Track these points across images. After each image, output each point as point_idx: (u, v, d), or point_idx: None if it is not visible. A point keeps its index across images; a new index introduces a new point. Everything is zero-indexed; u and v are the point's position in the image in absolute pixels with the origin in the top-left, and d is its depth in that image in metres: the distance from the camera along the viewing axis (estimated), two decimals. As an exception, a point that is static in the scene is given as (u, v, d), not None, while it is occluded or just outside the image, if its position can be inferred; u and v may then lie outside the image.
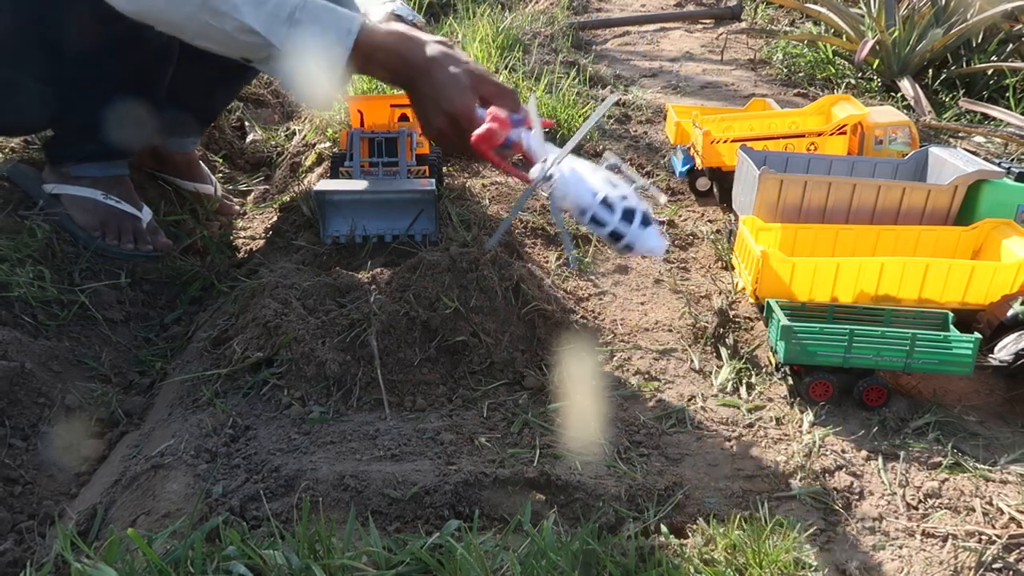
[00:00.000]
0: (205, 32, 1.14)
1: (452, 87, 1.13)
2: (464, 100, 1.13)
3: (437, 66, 1.13)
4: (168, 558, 0.84)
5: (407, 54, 1.15)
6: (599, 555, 0.89)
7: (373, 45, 1.14)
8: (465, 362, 1.28)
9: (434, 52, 1.15)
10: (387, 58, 1.15)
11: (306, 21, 1.13)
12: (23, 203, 1.56)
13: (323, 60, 1.13)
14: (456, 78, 1.13)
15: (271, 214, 1.83)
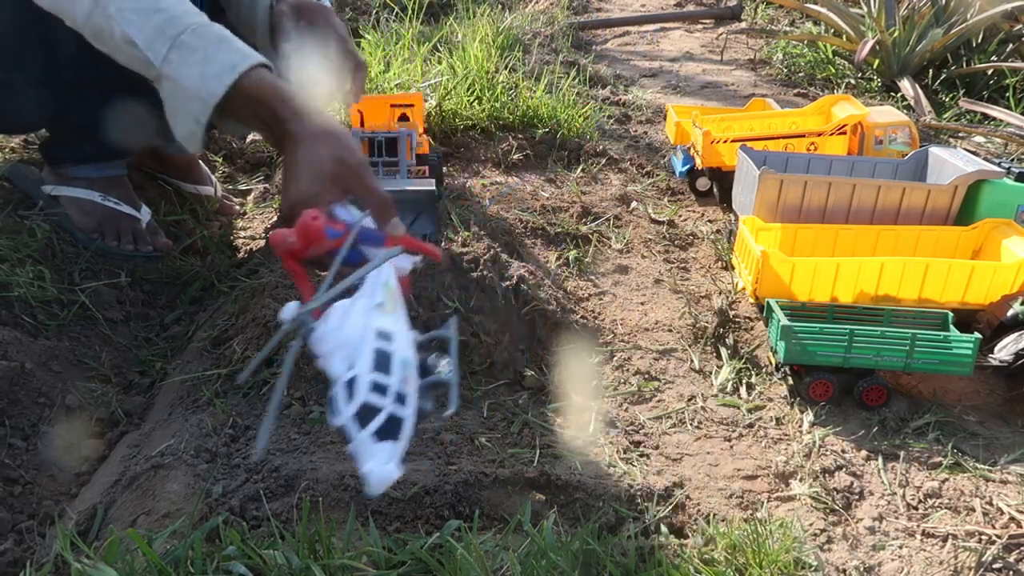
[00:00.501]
0: (99, 36, 1.04)
1: (307, 170, 0.92)
2: (311, 189, 0.91)
3: (307, 142, 0.95)
4: (168, 558, 0.84)
5: (284, 117, 0.97)
6: (599, 555, 0.89)
7: (254, 94, 0.98)
8: (465, 362, 1.28)
9: (314, 127, 0.96)
10: (264, 113, 0.98)
11: (192, 46, 0.99)
12: (23, 203, 1.55)
13: (195, 93, 0.97)
14: (318, 163, 0.93)
15: (271, 214, 1.83)
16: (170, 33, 0.99)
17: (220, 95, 0.96)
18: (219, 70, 0.97)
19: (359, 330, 0.75)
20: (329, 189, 0.91)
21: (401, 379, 0.73)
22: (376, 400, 0.71)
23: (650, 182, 2.07)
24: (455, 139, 2.12)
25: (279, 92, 0.98)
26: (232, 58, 0.98)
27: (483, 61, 2.34)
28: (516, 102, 2.23)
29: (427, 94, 2.14)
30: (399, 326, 0.78)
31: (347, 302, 0.79)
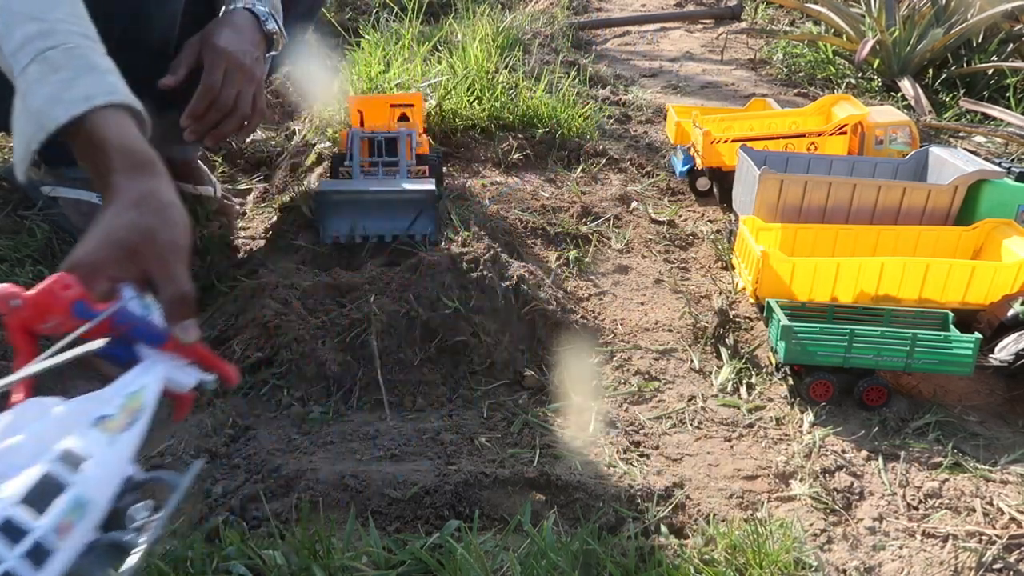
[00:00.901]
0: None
1: (103, 232, 0.78)
2: (95, 255, 0.76)
3: (121, 203, 0.81)
4: (168, 558, 0.84)
5: (113, 168, 0.84)
6: (599, 555, 0.89)
7: (94, 134, 0.86)
8: (465, 362, 1.28)
9: (139, 189, 0.84)
10: (96, 157, 0.86)
11: (56, 65, 0.88)
12: (23, 203, 1.55)
13: (36, 116, 0.86)
14: (120, 229, 0.78)
15: (271, 214, 1.83)
16: (39, 45, 0.89)
17: (60, 123, 0.84)
18: (72, 97, 0.86)
19: (37, 441, 0.56)
20: (119, 262, 0.76)
21: (56, 526, 0.52)
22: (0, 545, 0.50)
23: (650, 182, 2.07)
24: (455, 139, 2.11)
25: (123, 140, 0.87)
26: (91, 89, 0.87)
27: (483, 61, 2.34)
28: (516, 102, 2.23)
29: (427, 94, 2.14)
30: (110, 454, 0.59)
31: (54, 401, 0.62)
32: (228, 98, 1.33)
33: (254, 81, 1.37)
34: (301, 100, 2.42)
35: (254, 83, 1.37)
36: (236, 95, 1.34)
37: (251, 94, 1.36)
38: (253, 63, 1.37)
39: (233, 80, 1.33)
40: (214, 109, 1.33)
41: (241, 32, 1.36)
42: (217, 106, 1.33)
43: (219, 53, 1.31)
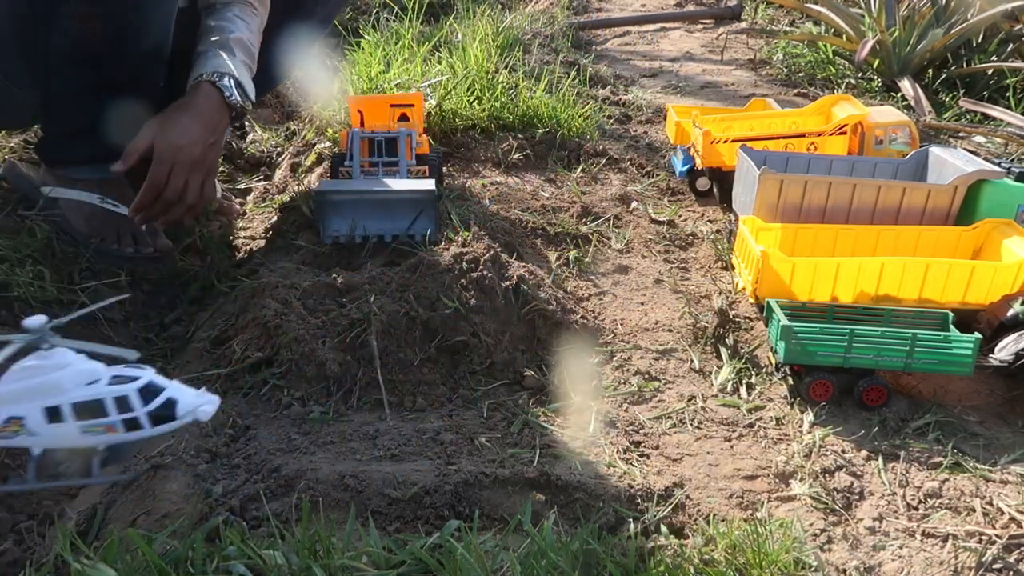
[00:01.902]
0: None
1: None
2: None
3: None
4: (168, 558, 0.84)
5: None
6: (599, 555, 0.89)
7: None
8: (465, 362, 1.28)
9: None
10: None
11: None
12: (23, 203, 1.55)
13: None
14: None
15: (271, 214, 1.83)
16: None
17: None
18: None
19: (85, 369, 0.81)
20: None
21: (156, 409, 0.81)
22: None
23: (650, 182, 2.07)
24: (455, 139, 2.12)
25: None
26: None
27: (483, 61, 2.34)
28: (516, 102, 2.23)
29: (427, 94, 2.14)
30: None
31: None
32: (174, 192, 1.39)
33: (203, 171, 1.42)
34: (301, 100, 2.42)
35: (203, 172, 1.42)
36: (183, 187, 1.39)
37: (199, 184, 1.42)
38: (205, 150, 1.42)
39: (181, 173, 1.38)
40: (160, 202, 1.40)
41: (199, 116, 1.40)
42: (163, 199, 1.40)
43: (168, 147, 1.37)
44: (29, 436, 0.77)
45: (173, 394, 0.79)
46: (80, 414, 0.76)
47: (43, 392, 0.76)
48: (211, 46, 1.47)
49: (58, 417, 0.76)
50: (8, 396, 0.76)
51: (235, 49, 1.48)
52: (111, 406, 0.77)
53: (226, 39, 1.48)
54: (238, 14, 1.53)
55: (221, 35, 1.49)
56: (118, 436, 0.78)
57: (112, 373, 0.79)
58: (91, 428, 0.77)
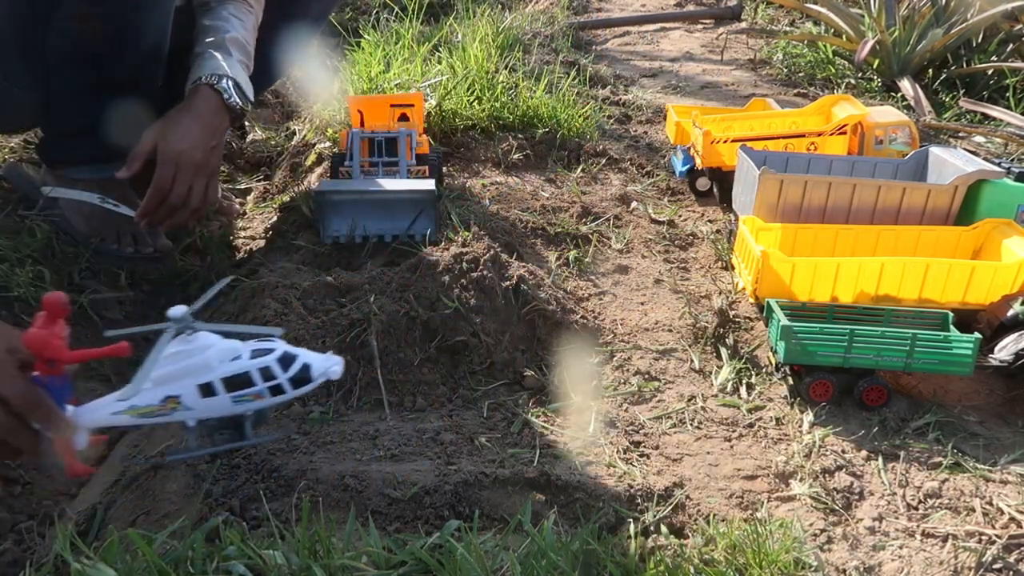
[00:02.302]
0: None
1: None
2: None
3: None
4: (168, 558, 0.84)
5: None
6: (599, 555, 0.89)
7: None
8: (465, 362, 1.28)
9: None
10: None
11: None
12: (23, 203, 1.55)
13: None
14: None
15: (271, 214, 1.83)
16: None
17: None
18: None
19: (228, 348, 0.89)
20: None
21: (295, 376, 0.89)
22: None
23: (650, 182, 2.07)
24: (455, 139, 2.12)
25: None
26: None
27: (483, 61, 2.34)
28: (516, 102, 2.23)
29: (427, 94, 2.14)
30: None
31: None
32: (179, 196, 1.41)
33: (206, 174, 1.43)
34: (301, 100, 2.42)
35: (206, 176, 1.43)
36: (187, 191, 1.41)
37: (203, 187, 1.43)
38: (207, 154, 1.43)
39: (185, 177, 1.40)
40: (165, 206, 1.41)
41: (199, 120, 1.41)
42: (167, 204, 1.41)
43: (171, 152, 1.38)
44: (185, 411, 0.88)
45: (306, 359, 0.90)
46: (230, 387, 0.88)
47: (194, 372, 0.87)
48: (208, 47, 1.47)
49: (211, 392, 0.88)
50: (163, 378, 0.86)
51: (232, 49, 1.48)
52: (257, 376, 0.88)
53: (222, 39, 1.48)
54: (233, 12, 1.53)
55: (217, 35, 1.49)
56: (265, 402, 0.90)
57: (250, 348, 0.89)
58: (241, 398, 0.89)
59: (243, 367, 0.88)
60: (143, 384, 0.86)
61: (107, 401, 0.88)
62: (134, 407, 0.88)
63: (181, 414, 0.89)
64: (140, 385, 0.86)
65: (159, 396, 0.88)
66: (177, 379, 0.87)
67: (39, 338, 0.83)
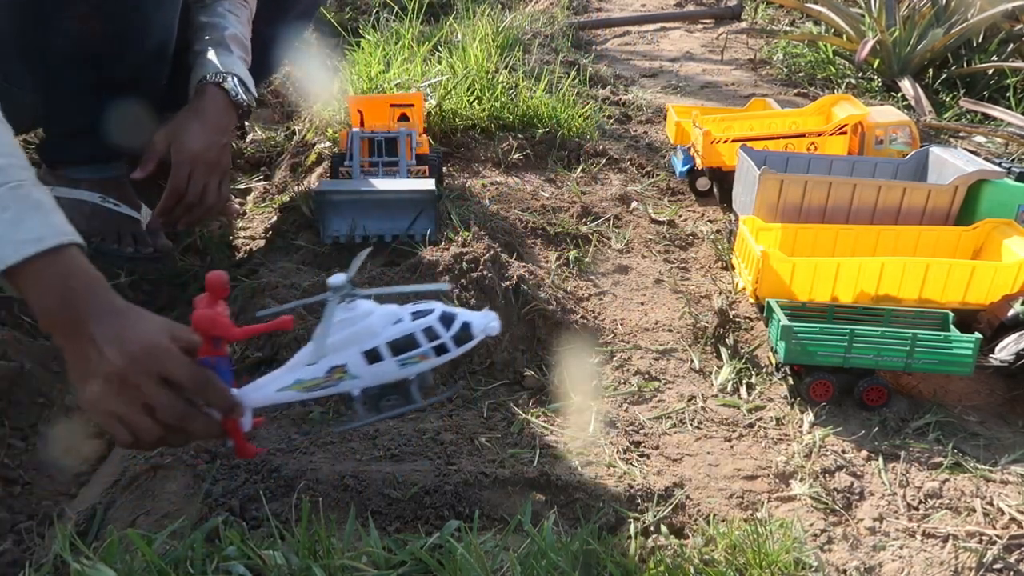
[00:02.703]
0: None
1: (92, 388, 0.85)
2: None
3: (102, 348, 0.85)
4: (168, 558, 0.84)
5: (76, 310, 0.87)
6: (599, 555, 0.89)
7: (52, 275, 0.88)
8: (465, 362, 1.28)
9: (122, 322, 0.88)
10: (53, 298, 0.88)
11: (4, 203, 0.88)
12: (23, 203, 1.55)
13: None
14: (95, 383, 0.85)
15: (271, 214, 1.83)
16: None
17: (9, 263, 0.86)
18: (22, 238, 0.87)
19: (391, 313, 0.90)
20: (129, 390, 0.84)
21: (456, 335, 0.90)
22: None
23: (650, 182, 2.07)
24: (455, 139, 2.11)
25: (85, 281, 0.90)
26: (41, 230, 0.89)
27: (483, 61, 2.33)
28: (516, 102, 2.23)
29: (427, 94, 2.14)
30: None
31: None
32: (195, 195, 1.44)
33: (219, 172, 1.47)
34: (301, 100, 2.42)
35: (219, 173, 1.47)
36: (203, 189, 1.44)
37: (217, 184, 1.47)
38: (220, 153, 1.46)
39: (200, 177, 1.43)
40: (181, 206, 1.45)
41: (209, 120, 1.44)
42: (184, 203, 1.45)
43: (185, 153, 1.42)
44: (352, 380, 0.89)
45: (466, 318, 0.90)
46: (395, 351, 0.88)
47: (359, 339, 0.87)
48: (208, 45, 1.48)
49: (377, 357, 0.88)
50: (327, 349, 0.87)
51: (232, 47, 1.49)
52: (421, 338, 0.88)
53: (222, 37, 1.49)
54: (229, 8, 1.55)
55: (216, 33, 1.50)
56: (430, 362, 0.90)
57: (410, 310, 0.89)
58: (407, 360, 0.89)
59: (407, 329, 0.88)
60: (322, 353, 0.87)
61: (272, 379, 0.88)
62: (300, 381, 0.89)
63: (347, 383, 0.89)
64: (319, 354, 0.87)
65: (325, 367, 0.88)
66: (342, 348, 0.87)
67: (207, 317, 0.84)
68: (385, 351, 0.87)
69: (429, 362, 0.89)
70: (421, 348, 0.88)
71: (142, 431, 0.85)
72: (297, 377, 0.88)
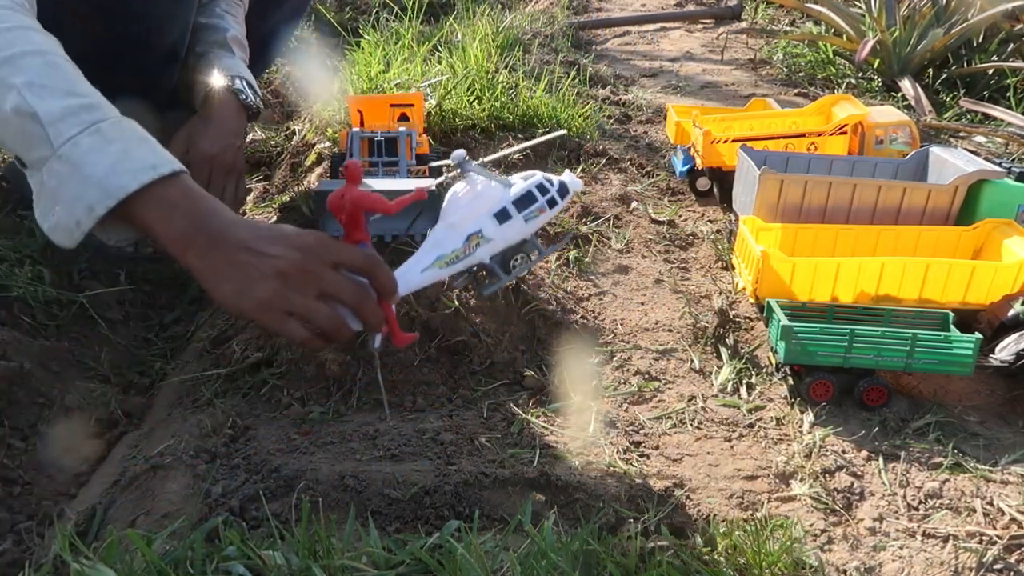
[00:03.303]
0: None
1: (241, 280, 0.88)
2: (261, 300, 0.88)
3: (248, 246, 0.90)
4: (168, 558, 0.84)
5: (194, 229, 0.90)
6: (599, 555, 0.89)
7: (173, 198, 0.91)
8: (465, 362, 1.28)
9: (254, 229, 0.92)
10: (181, 220, 0.91)
11: (111, 137, 0.91)
12: (22, 203, 1.55)
13: (99, 182, 0.89)
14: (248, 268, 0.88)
15: (271, 214, 1.83)
16: (86, 118, 0.91)
17: (130, 190, 0.88)
18: (137, 167, 0.90)
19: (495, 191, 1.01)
20: (282, 294, 0.88)
21: (545, 202, 1.04)
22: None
23: (650, 182, 2.07)
24: (455, 139, 2.11)
25: (208, 201, 0.93)
26: (153, 159, 0.92)
27: (483, 61, 2.33)
28: (516, 102, 2.23)
29: (427, 94, 2.14)
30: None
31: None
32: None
33: (235, 174, 1.50)
34: (301, 100, 2.42)
35: (235, 175, 1.50)
36: (221, 191, 1.47)
37: (234, 186, 1.50)
38: (235, 155, 1.49)
39: (218, 179, 1.47)
40: None
41: (222, 124, 1.47)
42: None
43: (204, 158, 1.45)
44: (486, 244, 0.99)
45: (560, 178, 1.05)
46: (519, 207, 0.99)
47: (487, 203, 0.98)
48: (212, 48, 1.49)
49: (506, 217, 0.99)
50: (462, 219, 0.96)
51: (234, 49, 1.50)
52: (536, 193, 1.01)
53: (224, 39, 1.50)
54: (226, 8, 1.55)
55: (218, 35, 1.50)
56: (546, 215, 1.02)
57: (517, 177, 1.02)
58: (529, 215, 1.01)
59: (524, 188, 1.01)
60: (468, 224, 0.97)
61: (413, 263, 0.95)
62: (441, 257, 0.96)
63: (483, 250, 0.99)
64: (456, 223, 0.96)
65: (462, 237, 0.96)
66: (474, 215, 0.97)
67: (363, 195, 0.92)
68: (512, 209, 0.99)
69: (545, 215, 1.02)
70: (538, 202, 1.01)
71: (322, 319, 0.89)
72: (438, 254, 0.95)
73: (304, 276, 0.88)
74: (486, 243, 0.98)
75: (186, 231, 0.90)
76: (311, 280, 0.88)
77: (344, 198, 0.91)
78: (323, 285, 0.88)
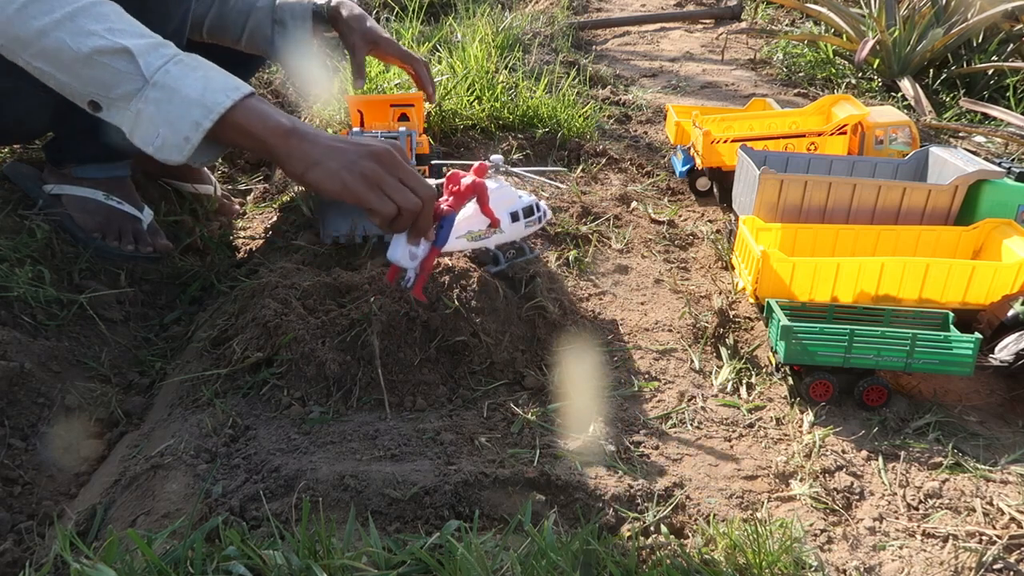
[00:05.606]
0: (53, 53, 1.02)
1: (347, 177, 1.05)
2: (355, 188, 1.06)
3: (324, 158, 1.05)
4: (168, 558, 0.84)
5: (284, 134, 1.04)
6: (599, 555, 0.89)
7: (260, 111, 1.04)
8: (465, 362, 1.28)
9: (333, 138, 1.06)
10: (270, 130, 1.04)
11: (192, 65, 1.03)
12: (23, 203, 1.55)
13: (199, 101, 1.01)
14: (337, 175, 1.05)
15: (271, 214, 1.83)
16: (165, 52, 1.04)
17: (227, 106, 1.01)
18: (224, 87, 1.02)
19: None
20: (364, 187, 1.06)
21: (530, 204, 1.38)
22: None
23: (650, 182, 2.07)
24: (455, 139, 2.12)
25: (283, 115, 1.05)
26: (232, 81, 1.04)
27: (483, 61, 2.33)
28: (516, 102, 2.23)
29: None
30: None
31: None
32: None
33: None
34: (301, 100, 2.42)
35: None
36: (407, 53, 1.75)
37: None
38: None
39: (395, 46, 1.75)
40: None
41: (364, 14, 1.73)
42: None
43: (382, 36, 1.70)
44: (499, 234, 1.29)
45: (541, 203, 1.39)
46: (525, 214, 1.33)
47: (508, 203, 1.29)
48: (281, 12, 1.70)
49: (516, 218, 1.31)
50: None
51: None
52: (534, 207, 1.35)
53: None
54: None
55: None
56: (535, 226, 1.36)
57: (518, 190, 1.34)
58: (529, 223, 1.35)
59: (528, 201, 1.33)
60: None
61: (452, 229, 1.17)
62: (470, 232, 1.25)
63: (495, 238, 1.29)
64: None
65: (485, 223, 1.26)
66: (499, 209, 1.27)
67: (480, 184, 1.22)
68: (520, 214, 1.32)
69: (534, 227, 1.36)
70: (535, 216, 1.34)
71: (406, 198, 1.06)
72: (468, 229, 1.24)
73: (393, 163, 1.06)
74: (499, 234, 1.27)
75: (284, 126, 1.03)
76: (398, 168, 1.06)
77: (473, 180, 1.19)
78: (404, 176, 1.07)
